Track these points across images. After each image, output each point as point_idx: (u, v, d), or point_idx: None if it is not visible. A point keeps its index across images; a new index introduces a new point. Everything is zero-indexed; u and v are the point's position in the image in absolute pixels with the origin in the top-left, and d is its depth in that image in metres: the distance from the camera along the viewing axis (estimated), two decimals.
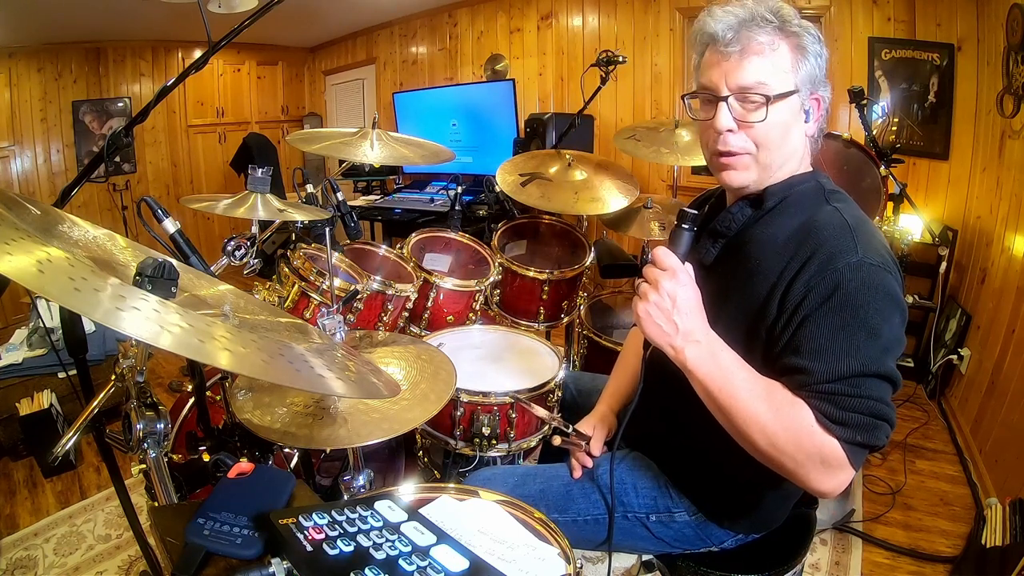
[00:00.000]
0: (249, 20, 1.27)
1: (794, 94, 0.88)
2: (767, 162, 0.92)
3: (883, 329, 0.80)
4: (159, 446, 0.89)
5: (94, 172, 1.23)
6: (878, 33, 3.06)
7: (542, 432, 1.45)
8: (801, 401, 0.81)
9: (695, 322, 0.86)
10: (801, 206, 0.92)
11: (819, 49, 0.90)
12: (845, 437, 0.79)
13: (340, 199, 1.56)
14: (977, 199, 2.74)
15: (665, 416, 1.06)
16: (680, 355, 0.86)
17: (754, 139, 0.90)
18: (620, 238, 3.21)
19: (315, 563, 0.64)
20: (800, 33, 0.88)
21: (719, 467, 1.02)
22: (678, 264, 0.87)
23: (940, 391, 2.78)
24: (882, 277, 0.81)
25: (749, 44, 0.87)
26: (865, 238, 0.84)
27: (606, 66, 2.19)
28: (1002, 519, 1.81)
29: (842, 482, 0.83)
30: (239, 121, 5.59)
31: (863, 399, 0.79)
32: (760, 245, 0.92)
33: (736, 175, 0.94)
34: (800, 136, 0.93)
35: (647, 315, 0.87)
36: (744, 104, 0.89)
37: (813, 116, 0.93)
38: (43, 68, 4.41)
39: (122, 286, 0.61)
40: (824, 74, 0.91)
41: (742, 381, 0.85)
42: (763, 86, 0.87)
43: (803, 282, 0.83)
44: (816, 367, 0.80)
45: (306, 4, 4.30)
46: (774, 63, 0.87)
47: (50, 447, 2.26)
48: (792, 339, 0.84)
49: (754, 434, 0.83)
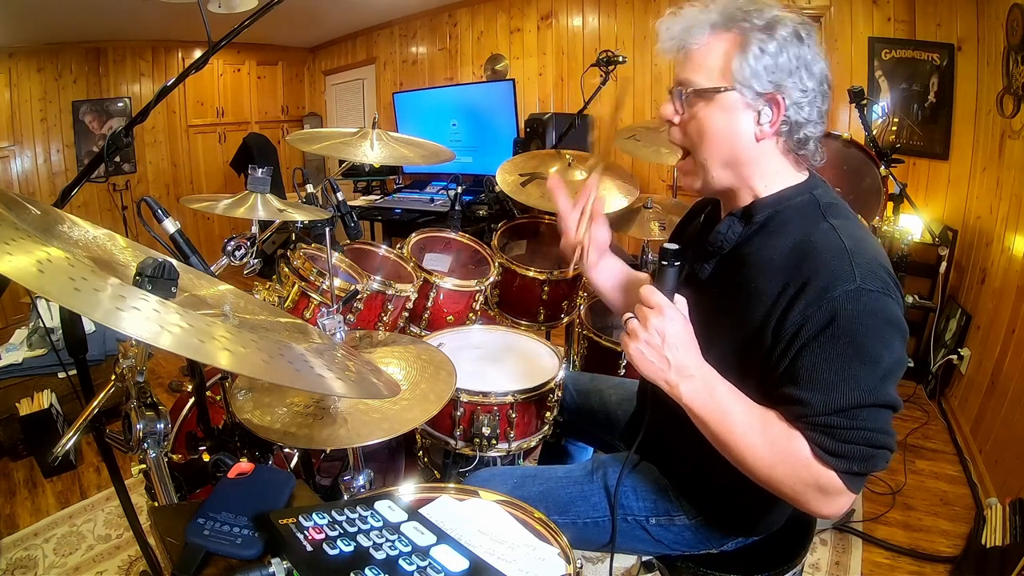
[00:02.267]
0: (249, 20, 1.27)
1: (725, 91, 0.86)
2: (703, 162, 0.92)
3: (883, 356, 0.78)
4: (159, 446, 0.89)
5: (94, 172, 1.23)
6: (878, 33, 3.06)
7: (542, 432, 1.45)
8: (797, 433, 0.81)
9: (688, 357, 0.85)
10: (795, 223, 0.88)
11: (776, 48, 0.83)
12: (842, 468, 0.79)
13: (340, 199, 1.56)
14: (977, 199, 2.74)
15: (666, 421, 1.06)
16: (675, 390, 0.86)
17: (686, 135, 0.93)
18: (620, 238, 3.20)
19: (315, 563, 0.64)
20: (751, 30, 0.84)
21: (719, 472, 1.01)
22: (665, 301, 0.85)
23: (940, 391, 2.78)
24: (881, 303, 0.78)
25: (686, 41, 0.89)
26: (863, 261, 0.80)
27: (606, 66, 2.20)
28: (1002, 519, 1.81)
29: (842, 506, 0.83)
30: (239, 121, 5.60)
31: (860, 431, 0.78)
32: (755, 267, 0.89)
33: (684, 178, 0.98)
34: (749, 138, 0.88)
35: (639, 353, 0.86)
36: (679, 98, 0.92)
37: (768, 118, 0.86)
38: (43, 68, 4.41)
39: (122, 286, 0.61)
40: (792, 75, 0.84)
41: (738, 414, 0.84)
42: (691, 84, 0.89)
43: (799, 311, 0.80)
44: (813, 399, 0.79)
45: (306, 4, 4.30)
46: (702, 58, 0.88)
47: (50, 447, 2.26)
48: (789, 369, 0.82)
49: (750, 465, 0.84)
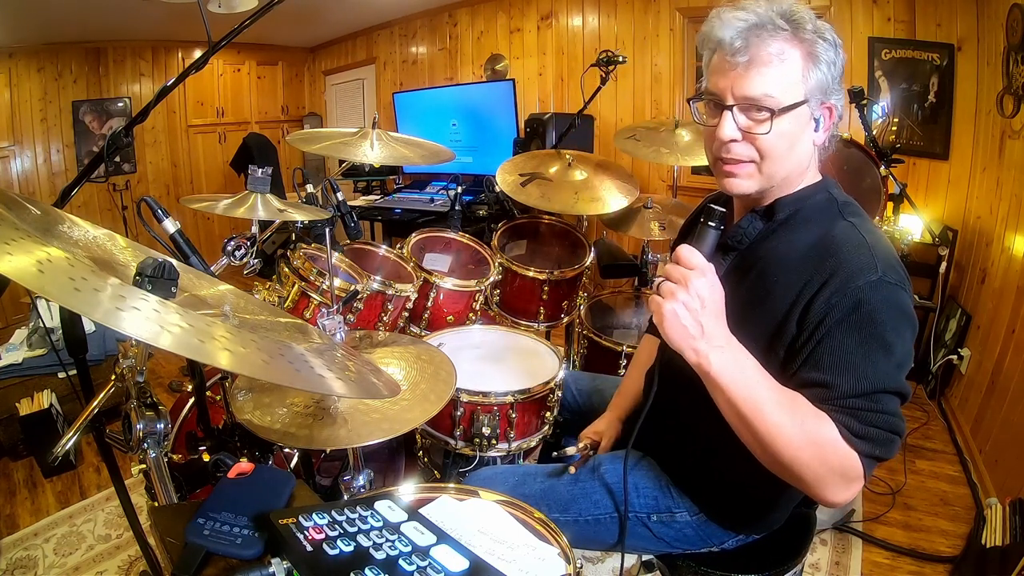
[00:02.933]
0: (249, 20, 1.27)
1: (803, 104, 0.86)
2: (771, 172, 0.90)
3: (897, 346, 0.81)
4: (159, 446, 0.89)
5: (94, 172, 1.23)
6: (878, 33, 3.05)
7: (542, 432, 1.45)
8: (824, 415, 0.80)
9: (720, 326, 0.83)
10: (815, 220, 0.90)
11: (833, 56, 0.86)
12: (866, 451, 0.80)
13: (340, 199, 1.56)
14: (977, 199, 2.74)
15: (669, 417, 1.06)
16: (703, 360, 0.81)
17: (759, 149, 0.88)
18: (620, 238, 3.21)
19: (315, 563, 0.64)
20: (814, 40, 0.85)
21: (721, 469, 1.02)
22: (705, 263, 0.83)
23: (940, 391, 2.78)
24: (899, 295, 0.82)
25: (758, 53, 0.84)
26: (883, 255, 0.83)
27: (606, 66, 2.20)
28: (1002, 519, 1.81)
29: (854, 493, 0.84)
30: (239, 121, 5.59)
31: (882, 414, 0.80)
32: (775, 263, 0.90)
33: (738, 182, 0.92)
34: (808, 145, 0.91)
35: (673, 315, 0.81)
36: (749, 114, 0.87)
37: (823, 125, 0.90)
38: (43, 68, 4.41)
39: (122, 286, 0.61)
40: (838, 81, 0.88)
41: (766, 391, 0.82)
42: (769, 99, 0.85)
43: (824, 299, 0.82)
44: (839, 382, 0.80)
45: (306, 4, 4.30)
46: (782, 74, 0.84)
47: (50, 447, 2.26)
48: (812, 354, 0.83)
49: (778, 445, 0.80)
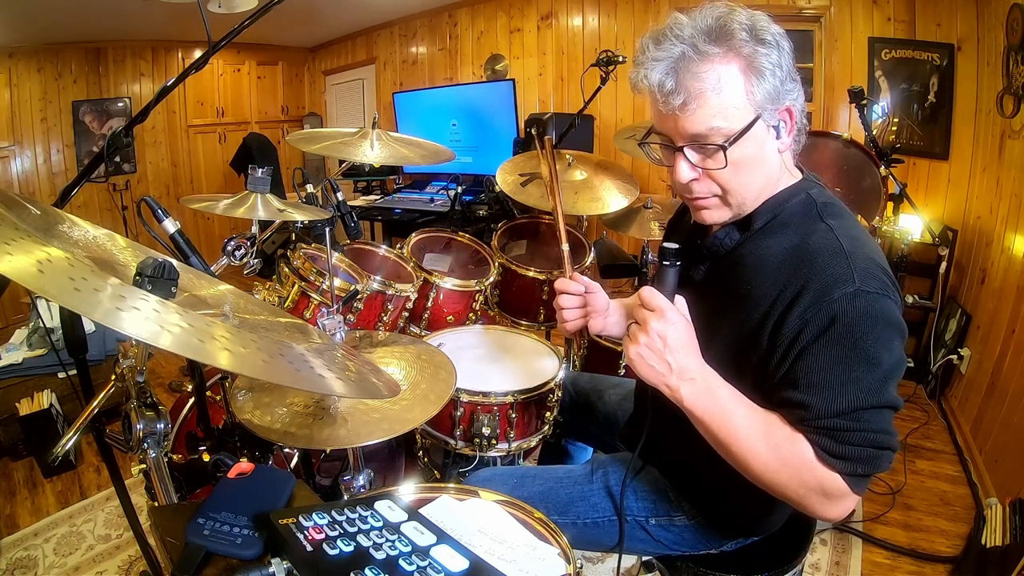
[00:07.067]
0: (249, 20, 1.26)
1: (756, 121, 0.82)
2: (739, 201, 0.89)
3: (883, 357, 0.77)
4: (159, 446, 0.89)
5: (94, 172, 1.23)
6: (878, 33, 3.06)
7: (542, 432, 1.45)
8: (800, 436, 0.80)
9: (689, 360, 0.83)
10: (792, 225, 0.88)
11: (776, 58, 0.80)
12: (846, 470, 0.78)
13: (340, 199, 1.56)
14: (977, 199, 2.74)
15: (666, 422, 1.06)
16: (676, 394, 0.84)
17: (719, 183, 0.87)
18: (620, 238, 3.20)
19: (315, 563, 0.64)
20: (752, 51, 0.79)
21: (719, 474, 1.01)
22: (666, 303, 0.83)
23: (940, 391, 2.78)
24: (880, 304, 0.77)
25: (692, 88, 0.79)
26: (861, 262, 0.79)
27: (606, 66, 2.20)
28: (1002, 519, 1.81)
29: (847, 508, 0.83)
30: (239, 121, 5.60)
31: (864, 432, 0.77)
32: (751, 269, 0.89)
33: (709, 214, 0.92)
34: (774, 156, 0.88)
35: (639, 357, 0.84)
36: (701, 151, 0.84)
37: (785, 128, 0.86)
38: (43, 68, 4.41)
39: (122, 286, 0.61)
40: (789, 78, 0.83)
41: (740, 418, 0.83)
42: (718, 131, 0.81)
43: (797, 314, 0.79)
44: (815, 402, 0.78)
45: (306, 4, 4.30)
46: (724, 101, 0.80)
47: (50, 447, 2.27)
48: (789, 372, 0.81)
49: (754, 468, 0.83)
